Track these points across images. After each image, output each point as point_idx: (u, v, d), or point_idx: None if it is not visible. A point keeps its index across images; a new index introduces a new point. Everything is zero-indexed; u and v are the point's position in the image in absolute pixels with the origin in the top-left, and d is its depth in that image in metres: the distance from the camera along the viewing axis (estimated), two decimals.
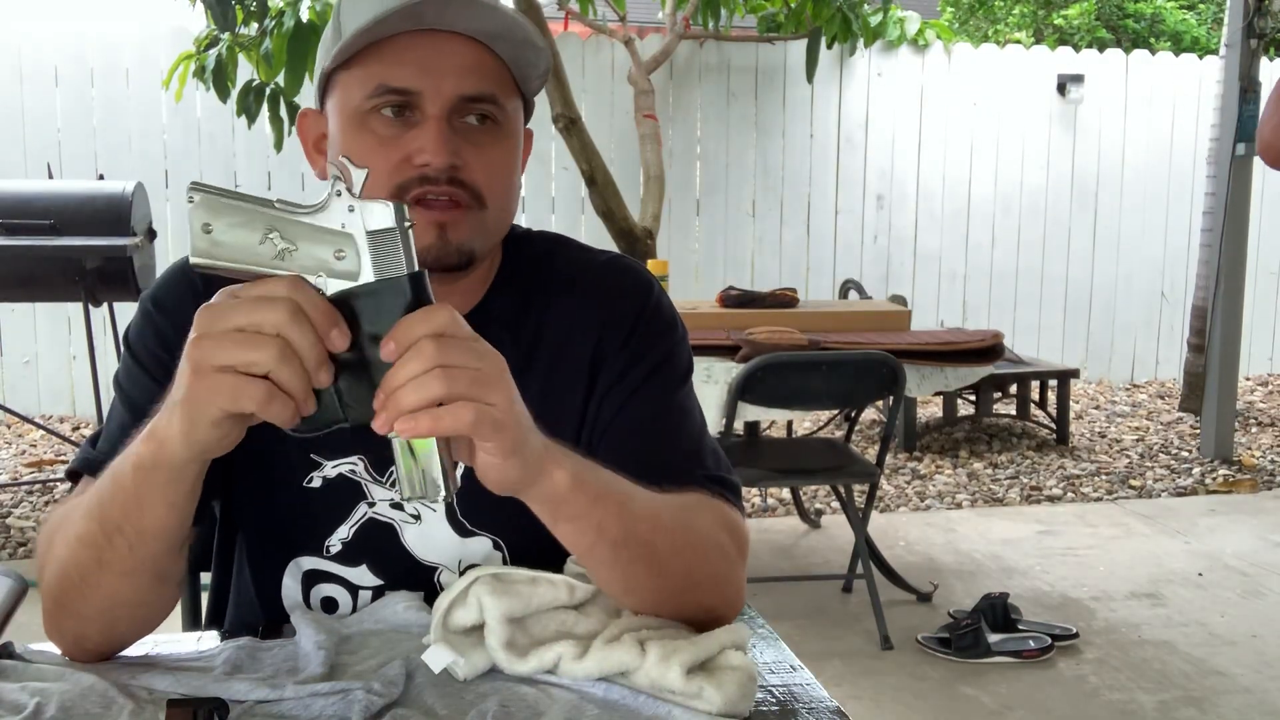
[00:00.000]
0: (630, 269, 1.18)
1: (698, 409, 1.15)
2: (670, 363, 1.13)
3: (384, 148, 1.00)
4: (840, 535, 3.48)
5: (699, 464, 1.08)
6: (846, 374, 3.12)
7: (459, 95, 1.00)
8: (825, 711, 0.90)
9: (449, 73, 1.00)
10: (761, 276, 6.33)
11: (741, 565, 1.04)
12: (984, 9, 12.71)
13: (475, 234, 1.03)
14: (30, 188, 4.12)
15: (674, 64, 6.16)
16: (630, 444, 1.08)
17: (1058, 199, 6.81)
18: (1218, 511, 4.45)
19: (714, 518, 1.03)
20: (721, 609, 1.00)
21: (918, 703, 2.82)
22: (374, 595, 1.11)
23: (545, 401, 1.08)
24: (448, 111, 1.00)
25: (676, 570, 0.96)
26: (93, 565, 0.92)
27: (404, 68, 0.99)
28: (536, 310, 1.13)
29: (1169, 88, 6.85)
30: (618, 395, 1.11)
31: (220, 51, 4.39)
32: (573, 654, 0.91)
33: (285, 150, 4.76)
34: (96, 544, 0.91)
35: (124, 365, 1.11)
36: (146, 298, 1.12)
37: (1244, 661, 3.05)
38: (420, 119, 1.00)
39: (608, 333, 1.12)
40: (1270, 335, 7.27)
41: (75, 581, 0.93)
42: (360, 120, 1.01)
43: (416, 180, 1.00)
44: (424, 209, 1.00)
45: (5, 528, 4.05)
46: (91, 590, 0.93)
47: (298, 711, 0.86)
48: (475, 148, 1.02)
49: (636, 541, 0.93)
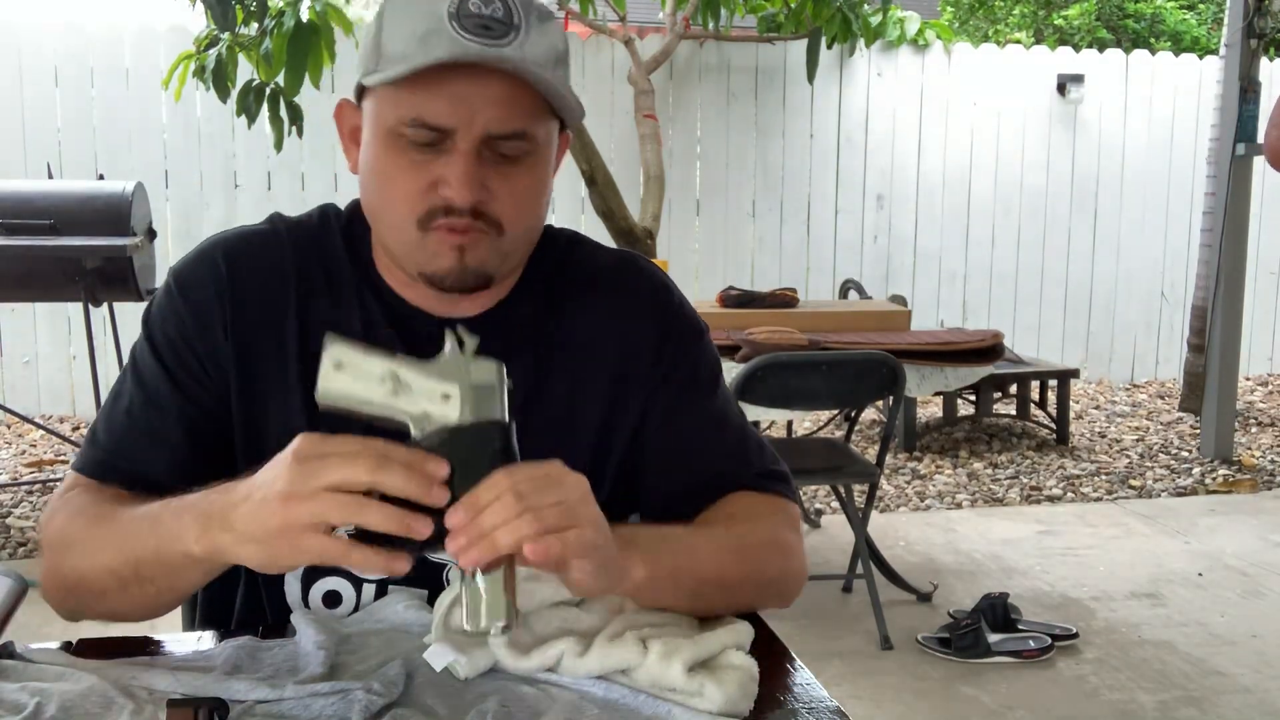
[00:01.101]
0: (644, 271, 1.20)
1: (733, 402, 1.20)
2: (700, 371, 1.17)
3: (414, 171, 1.01)
4: (840, 535, 3.48)
5: (745, 465, 1.15)
6: (846, 374, 3.12)
7: (489, 133, 1.00)
8: (825, 711, 0.90)
9: (482, 108, 0.99)
10: (761, 276, 6.33)
11: (800, 546, 1.13)
12: (984, 9, 12.71)
13: (493, 258, 1.05)
14: (30, 188, 4.12)
15: (674, 64, 6.16)
16: (677, 464, 1.14)
17: (1058, 199, 6.81)
18: (1218, 511, 4.45)
19: (769, 517, 1.11)
20: (789, 593, 1.10)
21: (918, 703, 2.82)
22: (378, 590, 1.10)
23: (566, 408, 1.12)
24: (477, 146, 1.00)
25: (746, 589, 1.04)
26: (115, 590, 0.98)
27: (439, 102, 0.98)
28: (556, 315, 1.14)
29: (1169, 88, 6.85)
30: (655, 416, 1.14)
31: (220, 51, 4.39)
32: (575, 651, 0.91)
33: (285, 150, 4.76)
34: (123, 579, 0.97)
35: (140, 341, 1.12)
36: (172, 273, 1.13)
37: (1244, 661, 3.05)
38: (450, 148, 1.00)
39: (631, 343, 1.14)
40: (1270, 335, 7.26)
41: (94, 591, 1.00)
42: (392, 140, 1.01)
43: (441, 209, 1.01)
44: (445, 232, 1.02)
45: (5, 528, 4.05)
46: (108, 601, 1.00)
47: (298, 711, 0.86)
48: (502, 178, 1.02)
49: (709, 587, 0.99)
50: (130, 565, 0.95)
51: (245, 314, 1.09)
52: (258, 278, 1.10)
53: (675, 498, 1.14)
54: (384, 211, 1.05)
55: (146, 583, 0.95)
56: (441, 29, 0.97)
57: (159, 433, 1.08)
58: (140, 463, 1.07)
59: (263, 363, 1.09)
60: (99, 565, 0.97)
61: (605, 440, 1.14)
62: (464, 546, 0.81)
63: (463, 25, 0.97)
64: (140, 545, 0.94)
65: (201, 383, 1.09)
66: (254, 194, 5.75)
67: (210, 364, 1.09)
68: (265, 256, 1.12)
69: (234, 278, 1.10)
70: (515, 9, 0.99)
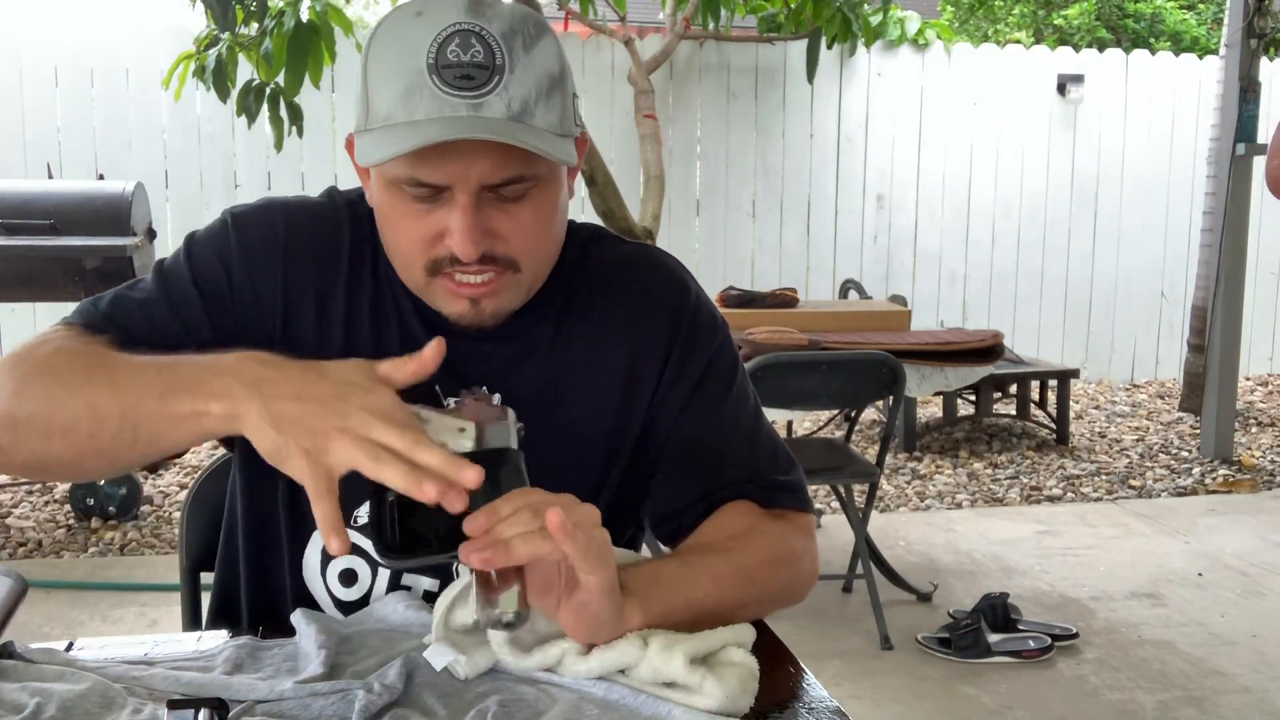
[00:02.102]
0: (660, 267, 1.19)
1: (750, 403, 1.18)
2: (711, 372, 1.15)
3: (418, 218, 1.01)
4: (840, 535, 3.48)
5: (752, 474, 1.13)
6: (846, 374, 3.12)
7: (485, 184, 0.98)
8: (825, 711, 0.90)
9: (473, 163, 0.97)
10: (761, 276, 6.33)
11: (809, 549, 1.12)
12: (984, 9, 12.70)
13: (509, 297, 1.05)
14: (30, 188, 4.12)
15: (674, 64, 6.16)
16: (684, 464, 1.12)
17: (1058, 199, 6.81)
18: (1218, 511, 4.45)
19: (772, 532, 1.09)
20: (797, 599, 1.10)
21: (918, 703, 2.82)
22: (393, 572, 1.11)
23: (579, 412, 1.12)
24: (475, 198, 0.99)
25: (748, 611, 1.03)
26: (81, 432, 0.92)
27: (430, 165, 0.97)
28: (572, 316, 1.13)
29: (1169, 88, 6.85)
30: (663, 420, 1.13)
31: (220, 51, 4.39)
32: (576, 650, 0.91)
33: (285, 150, 4.76)
34: (102, 419, 0.91)
35: (175, 256, 1.11)
36: (229, 212, 1.13)
37: (1244, 661, 3.05)
38: (449, 198, 0.99)
39: (643, 343, 1.13)
40: (1270, 335, 7.26)
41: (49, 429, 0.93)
42: (394, 187, 1.01)
43: (448, 260, 1.01)
44: (454, 284, 1.02)
45: (5, 528, 4.05)
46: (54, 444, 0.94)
47: (298, 711, 0.86)
48: (506, 217, 1.01)
49: (707, 618, 0.97)
50: (120, 406, 0.91)
51: (296, 273, 1.09)
52: (314, 245, 1.11)
53: (677, 506, 1.13)
54: (395, 253, 1.06)
55: (127, 430, 0.90)
56: (423, 85, 0.95)
57: (166, 327, 1.06)
58: (136, 340, 1.02)
59: (302, 327, 1.09)
60: (79, 400, 0.92)
61: (616, 445, 1.13)
62: (480, 548, 0.83)
63: (443, 79, 0.95)
64: (143, 388, 0.91)
65: (222, 311, 1.08)
66: (254, 194, 5.65)
67: (238, 304, 1.08)
68: (322, 227, 1.12)
69: (291, 237, 1.11)
70: (497, 49, 0.96)
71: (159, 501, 4.36)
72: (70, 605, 3.14)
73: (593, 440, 1.12)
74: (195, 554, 1.38)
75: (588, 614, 0.89)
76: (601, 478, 1.14)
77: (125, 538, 3.95)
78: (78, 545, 3.87)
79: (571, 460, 1.10)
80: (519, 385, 1.09)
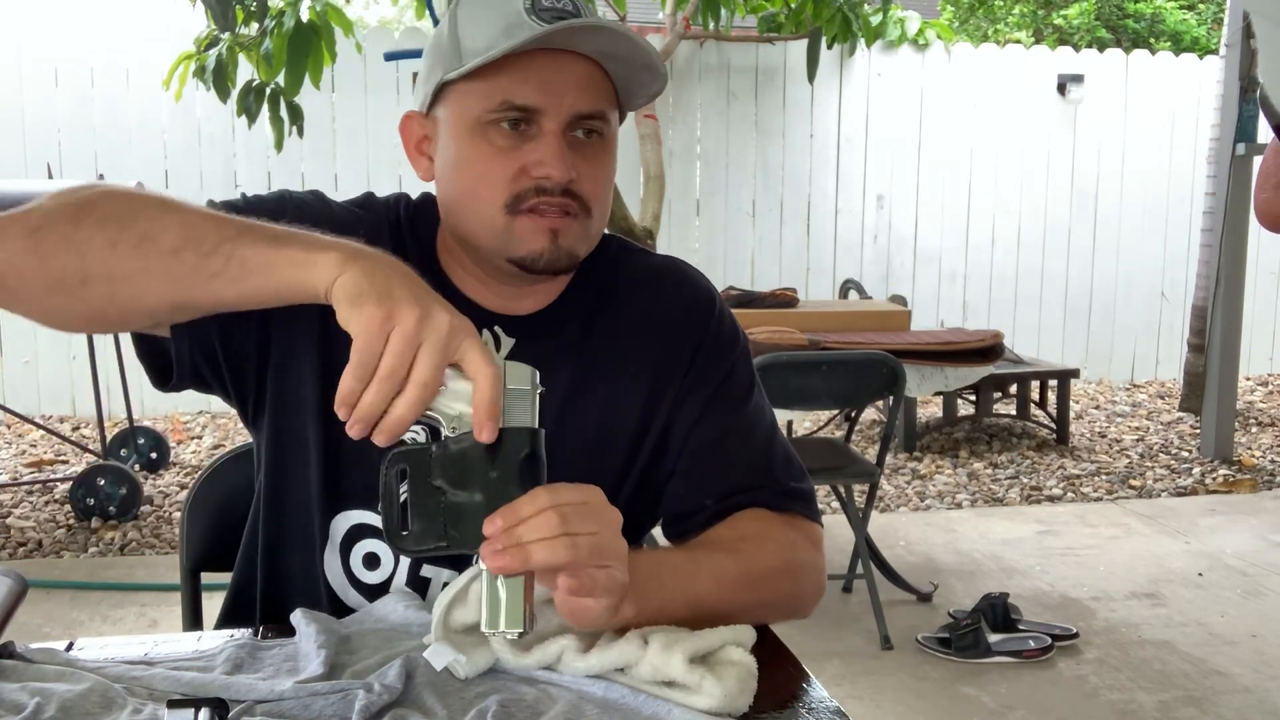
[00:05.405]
0: (687, 279, 1.22)
1: (765, 414, 1.20)
2: (731, 382, 1.18)
3: (502, 157, 1.05)
4: (840, 535, 3.48)
5: (766, 480, 1.15)
6: (846, 374, 3.12)
7: (576, 113, 1.05)
8: (825, 711, 0.90)
9: (568, 90, 1.04)
10: (761, 276, 6.33)
11: (816, 563, 1.15)
12: (984, 9, 12.71)
13: (581, 240, 1.08)
14: (30, 188, 4.12)
15: (674, 64, 6.16)
16: (696, 475, 1.15)
17: (1058, 199, 6.81)
18: (1218, 511, 4.45)
19: (781, 539, 1.11)
20: (800, 612, 1.12)
21: (918, 703, 2.82)
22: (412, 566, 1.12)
23: (602, 414, 1.14)
24: (564, 127, 1.04)
25: (749, 615, 1.02)
26: (167, 248, 0.89)
27: (527, 85, 1.03)
28: (599, 321, 1.16)
29: (1169, 88, 6.85)
30: (681, 425, 1.15)
31: (220, 51, 4.39)
32: (576, 649, 0.91)
33: (285, 150, 4.76)
34: (194, 241, 0.89)
35: (260, 195, 1.13)
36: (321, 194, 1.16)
37: (1244, 661, 3.05)
38: (537, 133, 1.04)
39: (667, 351, 1.16)
40: (1270, 335, 7.26)
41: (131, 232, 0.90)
42: (479, 130, 1.05)
43: (532, 190, 1.05)
44: (538, 216, 1.05)
45: (5, 528, 4.05)
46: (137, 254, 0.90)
47: (297, 711, 0.86)
48: (585, 160, 1.06)
49: (706, 616, 0.98)
50: (219, 234, 0.89)
51: None
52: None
53: (691, 508, 1.15)
54: (471, 200, 1.07)
55: (218, 259, 0.88)
56: (521, 22, 1.02)
57: None
58: None
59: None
60: (172, 216, 0.91)
61: (637, 446, 1.16)
62: (498, 551, 0.83)
63: (540, 17, 1.02)
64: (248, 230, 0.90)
65: None
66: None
67: None
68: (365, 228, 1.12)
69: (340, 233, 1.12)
70: (581, 5, 1.05)
71: (159, 501, 4.36)
72: (70, 605, 3.14)
73: (615, 439, 1.15)
74: (195, 554, 1.37)
75: (584, 606, 0.90)
76: (621, 477, 1.15)
77: (125, 538, 3.95)
78: (78, 545, 3.87)
79: (594, 457, 1.12)
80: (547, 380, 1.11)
